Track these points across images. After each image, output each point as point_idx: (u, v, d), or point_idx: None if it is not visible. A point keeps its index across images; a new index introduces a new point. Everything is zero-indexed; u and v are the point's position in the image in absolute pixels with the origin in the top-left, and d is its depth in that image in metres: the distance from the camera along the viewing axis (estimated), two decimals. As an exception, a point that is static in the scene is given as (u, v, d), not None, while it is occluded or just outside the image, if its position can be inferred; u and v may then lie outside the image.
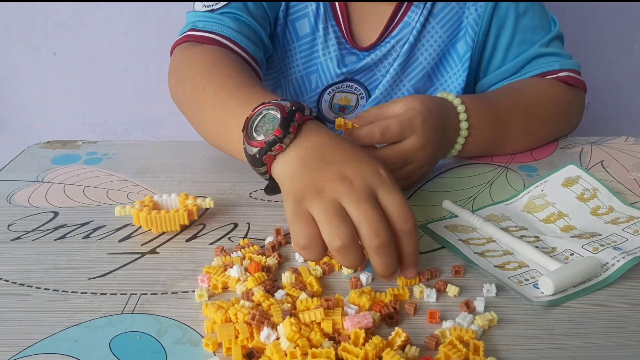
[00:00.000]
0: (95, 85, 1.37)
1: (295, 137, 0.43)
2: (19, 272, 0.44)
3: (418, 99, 0.54)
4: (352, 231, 0.38)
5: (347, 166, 0.41)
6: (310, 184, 0.40)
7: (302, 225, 0.39)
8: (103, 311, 0.40)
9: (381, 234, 0.38)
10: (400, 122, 0.52)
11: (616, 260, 0.44)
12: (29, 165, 0.63)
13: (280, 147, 0.43)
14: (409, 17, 0.71)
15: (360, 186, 0.40)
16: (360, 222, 0.38)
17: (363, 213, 0.38)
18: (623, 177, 0.60)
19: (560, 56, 0.72)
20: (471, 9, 0.71)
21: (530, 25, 0.72)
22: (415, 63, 0.74)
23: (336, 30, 0.72)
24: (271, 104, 0.45)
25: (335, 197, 0.39)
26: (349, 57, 0.74)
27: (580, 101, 0.73)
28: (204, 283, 0.43)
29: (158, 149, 0.68)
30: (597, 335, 0.38)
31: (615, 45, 1.41)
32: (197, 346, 0.37)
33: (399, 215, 0.40)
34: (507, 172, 0.62)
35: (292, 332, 0.35)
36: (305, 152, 0.43)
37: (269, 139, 0.43)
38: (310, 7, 0.72)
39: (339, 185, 0.39)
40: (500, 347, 0.37)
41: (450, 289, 0.42)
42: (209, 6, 0.67)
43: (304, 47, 0.74)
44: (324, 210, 0.38)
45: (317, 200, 0.39)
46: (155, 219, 0.49)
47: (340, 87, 0.75)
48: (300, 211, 0.39)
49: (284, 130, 0.43)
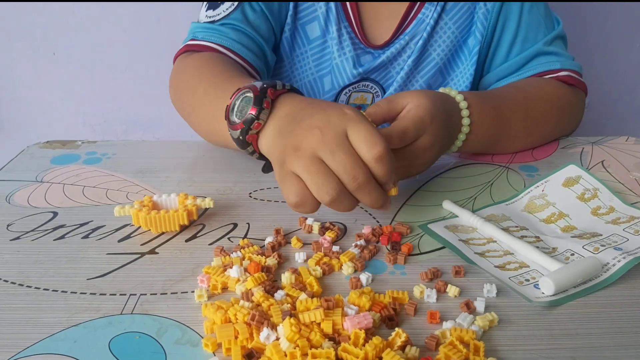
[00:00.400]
0: (95, 85, 1.37)
1: (271, 111, 0.46)
2: (18, 272, 0.44)
3: (426, 96, 0.54)
4: (336, 182, 0.42)
5: (314, 118, 0.44)
6: (287, 145, 0.44)
7: (289, 184, 0.43)
8: (102, 311, 0.40)
9: (358, 176, 0.42)
10: (415, 124, 0.51)
11: (617, 260, 0.44)
12: (28, 165, 0.63)
13: (259, 125, 0.46)
14: (423, 14, 0.72)
15: (330, 133, 0.42)
16: (338, 171, 0.42)
17: (339, 162, 0.42)
18: (624, 177, 0.60)
19: (562, 56, 0.72)
20: (481, 4, 0.72)
21: (534, 23, 0.72)
22: (428, 59, 0.75)
23: (349, 30, 0.73)
24: (245, 87, 0.47)
25: (311, 151, 0.42)
26: (364, 56, 0.74)
27: (581, 102, 0.73)
28: (203, 283, 0.43)
29: (158, 149, 0.68)
30: (598, 335, 0.38)
31: (615, 45, 1.41)
32: (197, 346, 0.37)
33: (366, 145, 0.42)
34: (507, 172, 0.62)
35: (291, 332, 0.35)
36: (280, 121, 0.46)
37: (247, 119, 0.46)
38: (319, 9, 0.72)
39: (311, 139, 0.43)
40: (501, 348, 0.37)
41: (451, 290, 0.42)
42: (211, 17, 0.69)
43: (315, 49, 0.75)
44: (305, 168, 0.42)
45: (296, 159, 0.42)
46: (155, 219, 0.49)
47: (356, 87, 0.76)
48: (284, 172, 0.43)
49: (258, 107, 0.45)
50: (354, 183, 0.42)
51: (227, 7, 0.69)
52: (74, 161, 0.64)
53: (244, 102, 0.47)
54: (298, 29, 0.74)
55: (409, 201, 0.56)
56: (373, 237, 0.49)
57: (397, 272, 0.45)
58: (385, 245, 0.49)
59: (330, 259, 0.46)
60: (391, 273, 0.45)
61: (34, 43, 1.31)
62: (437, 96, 0.55)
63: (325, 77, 0.76)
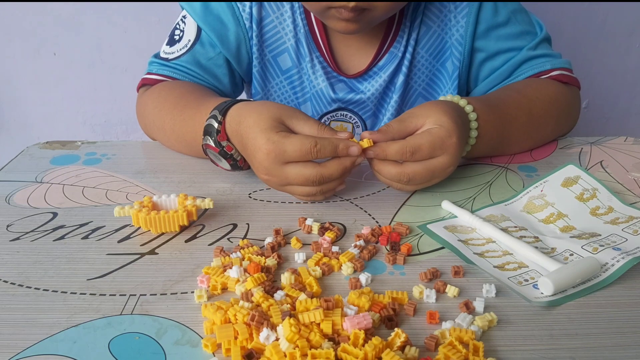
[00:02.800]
0: (95, 85, 1.37)
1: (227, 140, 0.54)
2: (18, 272, 0.44)
3: (445, 114, 0.53)
4: (309, 185, 0.51)
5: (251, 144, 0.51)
6: (254, 169, 0.54)
7: (289, 190, 0.53)
8: (102, 312, 0.40)
9: (309, 180, 0.50)
10: (431, 142, 0.51)
11: (616, 260, 0.44)
12: (28, 166, 0.63)
13: (230, 148, 0.55)
14: (395, 48, 0.72)
15: (271, 157, 0.50)
16: (293, 185, 0.52)
17: (287, 178, 0.51)
18: (622, 177, 0.60)
19: (550, 56, 0.72)
20: (452, 30, 0.72)
21: (515, 33, 0.72)
22: (411, 91, 0.76)
23: (321, 60, 0.73)
24: (205, 137, 0.55)
25: (266, 172, 0.52)
26: (338, 84, 0.74)
27: (576, 98, 0.73)
28: (203, 284, 0.43)
29: (157, 149, 0.68)
30: (597, 335, 0.38)
31: (615, 46, 1.41)
32: (197, 347, 0.37)
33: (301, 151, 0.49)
34: (506, 173, 0.62)
35: (291, 332, 0.35)
36: (234, 141, 0.54)
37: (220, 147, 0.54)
38: (288, 41, 0.72)
39: (264, 177, 0.53)
40: (500, 348, 0.37)
41: (450, 290, 0.42)
42: (167, 53, 0.72)
43: (290, 79, 0.75)
44: (280, 188, 0.54)
45: (269, 183, 0.54)
46: (155, 220, 0.49)
47: (334, 116, 0.77)
48: (277, 186, 0.54)
49: (221, 149, 0.55)
50: (312, 188, 0.51)
51: (181, 47, 0.71)
52: (73, 162, 0.64)
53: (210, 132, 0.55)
54: (269, 62, 0.74)
55: (408, 201, 0.56)
56: (372, 238, 0.49)
57: (397, 273, 0.45)
58: (385, 245, 0.49)
59: (329, 260, 0.46)
60: (390, 273, 0.45)
61: (34, 43, 1.31)
62: (455, 111, 0.54)
63: (305, 104, 0.77)
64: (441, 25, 0.72)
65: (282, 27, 0.72)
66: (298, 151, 0.49)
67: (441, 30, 0.72)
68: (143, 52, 1.33)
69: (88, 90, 1.38)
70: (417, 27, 0.72)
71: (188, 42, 0.71)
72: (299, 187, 0.52)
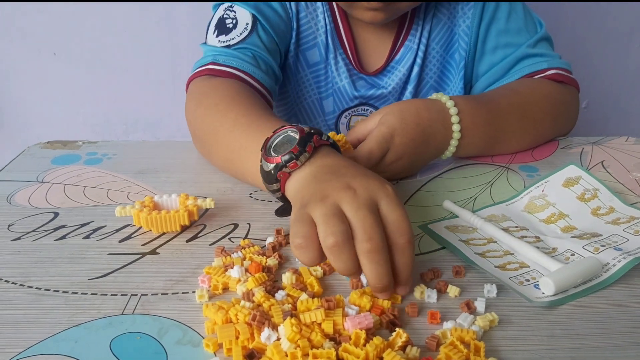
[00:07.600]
0: (95, 85, 1.37)
1: (310, 156, 0.44)
2: (19, 272, 0.44)
3: (393, 113, 0.56)
4: (347, 231, 0.38)
5: (355, 179, 0.42)
6: (317, 192, 0.41)
7: (300, 226, 0.39)
8: (103, 312, 0.40)
9: (374, 239, 0.38)
10: (378, 143, 0.54)
11: (617, 260, 0.44)
12: (29, 166, 0.63)
13: (295, 165, 0.44)
14: (410, 41, 0.75)
15: (363, 195, 0.40)
16: (356, 225, 0.39)
17: (360, 217, 0.39)
18: (624, 178, 0.60)
19: (548, 56, 0.73)
20: (459, 21, 0.75)
21: (514, 29, 0.74)
22: (422, 83, 0.78)
23: (344, 57, 0.76)
24: (291, 126, 0.47)
25: (337, 202, 0.40)
26: (359, 82, 0.78)
27: (574, 98, 0.73)
28: (204, 284, 0.43)
29: (158, 149, 0.68)
30: (598, 335, 0.38)
31: (615, 45, 1.41)
32: (198, 347, 0.37)
33: (396, 228, 0.40)
34: (507, 173, 0.62)
35: (292, 332, 0.35)
36: (317, 169, 0.44)
37: (286, 156, 0.44)
38: (319, 37, 0.76)
39: (343, 193, 0.40)
40: (501, 348, 0.37)
41: (451, 290, 0.42)
42: (225, 42, 0.69)
43: (317, 72, 0.78)
44: (324, 213, 0.39)
45: (320, 205, 0.39)
46: (156, 220, 0.49)
47: (355, 111, 0.79)
48: (302, 213, 0.40)
49: (301, 148, 0.44)
50: (367, 243, 0.38)
51: (241, 31, 0.70)
52: (74, 161, 0.64)
53: (285, 140, 0.46)
54: (300, 54, 0.77)
55: (409, 201, 0.56)
56: (373, 238, 0.49)
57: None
58: (386, 245, 0.48)
59: (330, 259, 0.46)
60: (392, 273, 0.45)
61: (34, 43, 1.31)
62: (411, 106, 0.57)
63: (327, 100, 0.79)
64: (450, 17, 0.75)
65: (315, 23, 0.75)
66: None
67: (450, 22, 0.75)
68: (143, 52, 1.33)
69: (88, 90, 1.38)
70: (429, 20, 0.75)
71: (247, 25, 0.70)
72: (337, 218, 0.39)
